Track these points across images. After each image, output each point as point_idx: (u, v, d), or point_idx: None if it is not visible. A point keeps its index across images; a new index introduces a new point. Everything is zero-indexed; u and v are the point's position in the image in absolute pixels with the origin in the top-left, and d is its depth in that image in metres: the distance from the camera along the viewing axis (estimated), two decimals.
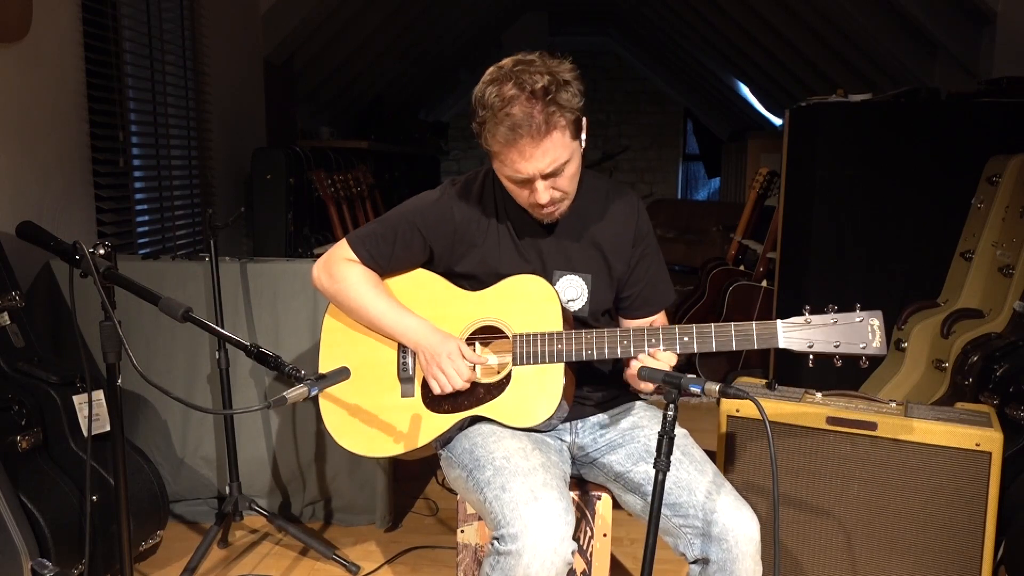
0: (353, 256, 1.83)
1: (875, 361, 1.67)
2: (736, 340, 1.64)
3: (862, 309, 1.64)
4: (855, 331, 1.62)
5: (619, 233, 1.84)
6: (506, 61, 1.65)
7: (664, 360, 1.66)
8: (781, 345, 1.63)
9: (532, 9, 8.52)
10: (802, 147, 3.59)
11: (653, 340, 1.67)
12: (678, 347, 1.67)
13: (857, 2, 4.78)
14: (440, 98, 10.29)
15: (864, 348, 1.62)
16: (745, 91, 8.26)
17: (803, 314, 1.63)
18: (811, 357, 1.65)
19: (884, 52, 4.95)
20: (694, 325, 1.68)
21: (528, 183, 1.66)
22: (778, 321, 1.63)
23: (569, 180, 1.69)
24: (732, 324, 1.65)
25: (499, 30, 8.67)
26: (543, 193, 1.66)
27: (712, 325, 1.66)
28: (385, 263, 1.83)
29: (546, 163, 1.62)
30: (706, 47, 7.72)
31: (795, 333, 1.63)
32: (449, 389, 1.72)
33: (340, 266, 1.83)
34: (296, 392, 1.43)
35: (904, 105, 3.38)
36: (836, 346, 1.62)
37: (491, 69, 1.65)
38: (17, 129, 2.81)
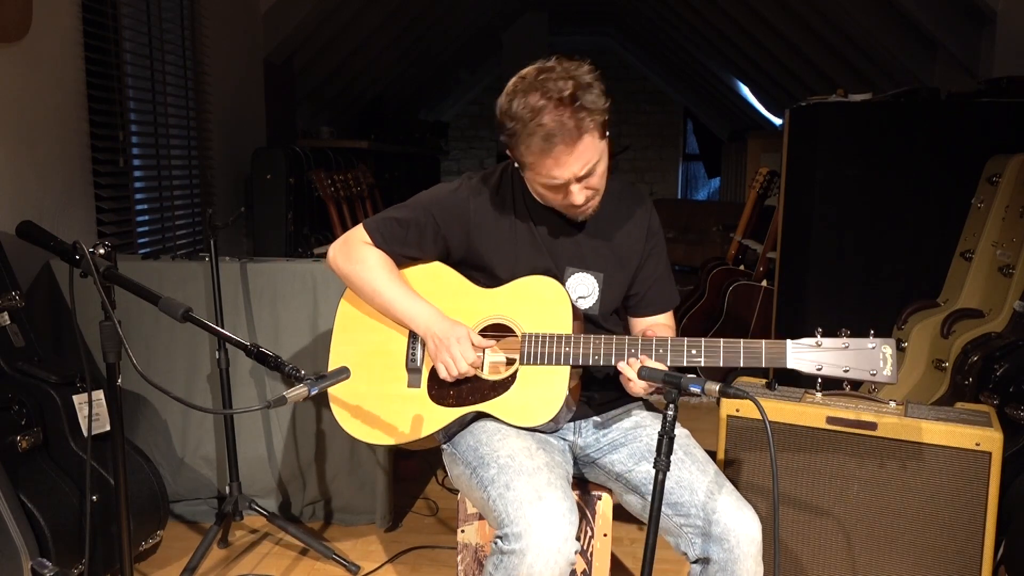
0: (368, 239, 1.85)
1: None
2: (744, 357, 1.65)
3: (870, 328, 1.63)
4: (866, 357, 1.62)
5: (633, 232, 1.86)
6: (527, 71, 1.65)
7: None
8: (790, 366, 1.63)
9: (532, 9, 8.53)
10: (802, 147, 3.59)
11: (661, 350, 1.68)
12: (685, 360, 1.68)
13: (857, 2, 4.78)
14: (440, 98, 10.30)
15: (875, 375, 1.61)
16: (745, 91, 8.26)
17: (815, 335, 1.64)
18: (819, 380, 1.66)
19: (884, 52, 4.95)
20: (703, 339, 1.68)
21: (563, 187, 1.68)
22: (788, 341, 1.64)
23: (600, 178, 1.71)
24: (741, 341, 1.66)
25: (499, 30, 8.67)
26: (578, 195, 1.68)
27: (721, 340, 1.67)
28: (398, 248, 1.85)
29: (580, 167, 1.64)
30: (706, 47, 7.72)
31: (805, 354, 1.63)
32: (456, 373, 1.73)
33: (357, 248, 1.86)
34: (296, 392, 1.44)
35: (904, 105, 3.38)
36: (846, 371, 1.62)
37: (513, 80, 1.66)
38: (17, 129, 2.81)
